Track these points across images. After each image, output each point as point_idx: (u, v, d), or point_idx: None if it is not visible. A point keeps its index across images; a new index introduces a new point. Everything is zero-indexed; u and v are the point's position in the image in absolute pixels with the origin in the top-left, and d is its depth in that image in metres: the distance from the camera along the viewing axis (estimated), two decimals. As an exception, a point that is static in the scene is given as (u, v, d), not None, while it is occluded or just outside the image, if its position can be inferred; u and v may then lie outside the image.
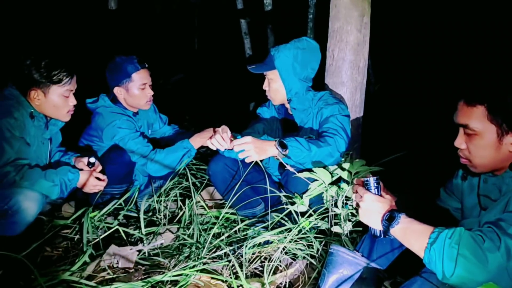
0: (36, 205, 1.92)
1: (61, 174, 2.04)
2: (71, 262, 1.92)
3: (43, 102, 2.10)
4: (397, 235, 1.27)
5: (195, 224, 2.13)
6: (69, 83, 2.12)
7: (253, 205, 2.28)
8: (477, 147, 1.34)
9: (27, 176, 1.93)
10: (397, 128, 4.02)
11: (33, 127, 2.10)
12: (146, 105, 2.59)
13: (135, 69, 2.48)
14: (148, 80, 2.55)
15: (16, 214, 1.88)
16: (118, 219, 2.29)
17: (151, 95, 2.57)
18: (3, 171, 1.90)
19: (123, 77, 2.48)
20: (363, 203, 1.37)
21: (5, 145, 1.94)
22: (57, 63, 2.07)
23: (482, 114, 1.31)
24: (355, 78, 2.59)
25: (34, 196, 1.92)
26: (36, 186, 1.94)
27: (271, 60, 2.21)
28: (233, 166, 2.29)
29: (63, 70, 2.08)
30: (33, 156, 2.11)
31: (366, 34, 2.56)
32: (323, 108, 2.21)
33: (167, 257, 1.98)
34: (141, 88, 2.51)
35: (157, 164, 2.42)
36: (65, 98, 2.13)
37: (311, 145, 1.95)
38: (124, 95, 2.53)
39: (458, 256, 1.11)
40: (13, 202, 1.87)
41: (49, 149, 2.25)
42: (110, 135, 2.45)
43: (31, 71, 2.03)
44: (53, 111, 2.14)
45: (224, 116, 4.04)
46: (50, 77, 2.05)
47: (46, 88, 2.07)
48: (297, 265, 1.86)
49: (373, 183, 1.40)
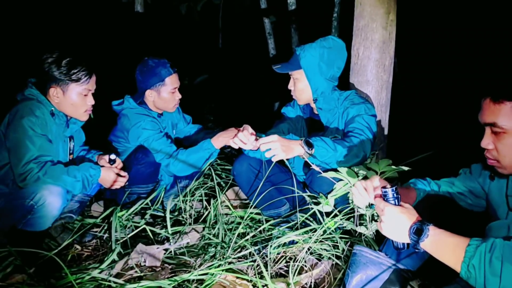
0: (60, 200, 1.98)
1: (83, 170, 2.10)
2: (100, 260, 1.97)
3: (61, 100, 2.16)
4: (428, 248, 1.20)
5: (220, 224, 2.15)
6: (87, 82, 2.17)
7: (277, 205, 2.28)
8: (506, 146, 1.29)
9: (50, 172, 1.99)
10: (424, 127, 3.94)
11: (54, 124, 2.17)
12: (173, 108, 2.64)
13: (168, 74, 2.52)
14: (178, 84, 2.59)
15: (42, 209, 1.95)
16: (145, 218, 2.33)
17: (179, 98, 2.61)
18: (27, 168, 1.97)
19: (156, 80, 2.51)
20: (385, 217, 1.29)
21: (28, 143, 2.01)
22: (77, 62, 2.13)
23: (510, 111, 1.26)
24: (381, 77, 2.55)
25: (58, 191, 1.98)
26: (59, 182, 2.01)
27: (297, 59, 2.20)
28: (257, 166, 2.29)
29: (83, 69, 2.14)
30: (55, 153, 2.17)
31: (392, 31, 2.52)
32: (349, 108, 2.18)
33: (193, 256, 2.00)
34: (171, 92, 2.55)
35: (180, 164, 2.44)
36: (83, 97, 2.19)
37: (337, 145, 1.93)
38: (155, 98, 2.56)
39: (503, 271, 1.05)
40: (38, 197, 1.95)
41: (69, 146, 2.31)
42: (135, 136, 2.49)
43: (51, 68, 2.10)
44: (71, 109, 2.20)
45: (249, 116, 4.06)
46: (69, 75, 2.12)
47: (65, 86, 2.13)
48: (322, 265, 1.85)
49: (391, 194, 1.32)
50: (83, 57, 2.17)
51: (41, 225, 2.00)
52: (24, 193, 1.97)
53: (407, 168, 1.87)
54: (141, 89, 2.57)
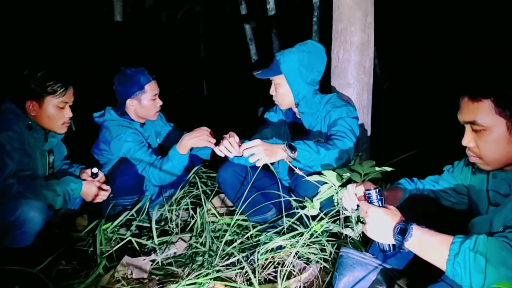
0: (41, 215, 1.95)
1: (63, 184, 2.08)
2: (85, 275, 1.94)
3: (38, 113, 2.14)
4: (413, 248, 1.21)
5: (207, 232, 2.14)
6: (63, 94, 2.15)
7: (264, 211, 2.28)
8: (487, 142, 1.31)
9: (31, 187, 1.97)
10: (407, 127, 3.99)
11: (31, 138, 2.14)
12: (155, 116, 2.62)
13: (147, 81, 2.51)
14: (158, 91, 2.58)
15: (24, 224, 1.91)
16: (131, 230, 2.30)
17: (160, 105, 2.60)
18: (7, 183, 1.94)
19: (136, 88, 2.50)
20: (370, 219, 1.30)
21: (6, 158, 1.98)
22: (52, 74, 2.11)
23: (489, 108, 1.27)
24: (361, 79, 2.58)
25: (38, 206, 1.95)
26: (39, 197, 1.98)
27: (277, 64, 2.21)
28: (242, 172, 2.29)
29: (58, 82, 2.12)
30: (33, 167, 2.14)
31: (370, 34, 2.55)
32: (331, 111, 2.20)
33: (181, 266, 1.99)
34: (152, 99, 2.54)
35: (158, 173, 2.40)
36: (60, 109, 2.16)
37: (320, 148, 1.94)
38: (136, 107, 2.55)
39: (487, 267, 1.06)
40: (19, 212, 1.91)
41: (48, 161, 2.28)
42: (117, 148, 2.47)
43: (27, 82, 2.08)
44: (48, 122, 2.17)
45: (232, 122, 4.05)
46: (44, 87, 2.10)
47: (41, 99, 2.11)
48: (310, 269, 1.85)
49: (375, 196, 1.33)
50: (58, 69, 2.15)
51: (23, 241, 1.96)
52: (4, 209, 1.93)
53: (390, 168, 1.89)
54: (121, 99, 2.55)
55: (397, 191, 1.70)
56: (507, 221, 1.22)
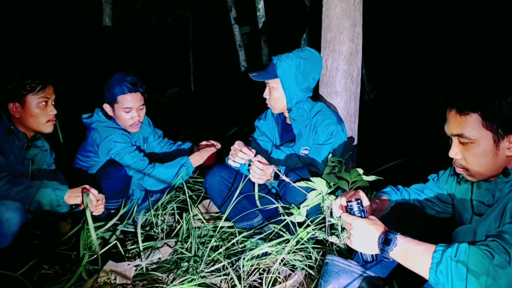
0: (18, 215, 1.91)
1: (53, 186, 2.05)
2: (68, 280, 1.91)
3: (22, 114, 2.14)
4: (397, 257, 1.23)
5: (193, 238, 2.12)
6: (43, 90, 2.15)
7: (250, 217, 2.28)
8: (474, 155, 1.33)
9: (14, 184, 1.94)
10: (393, 135, 4.03)
11: (7, 142, 2.12)
12: (130, 128, 2.54)
13: (121, 92, 2.45)
14: (134, 105, 2.47)
15: (0, 225, 1.88)
16: (116, 234, 2.28)
17: (138, 120, 2.52)
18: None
19: (109, 96, 2.49)
20: (354, 230, 1.31)
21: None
22: (29, 72, 2.12)
23: (476, 122, 1.30)
24: (349, 88, 2.60)
25: (15, 206, 1.92)
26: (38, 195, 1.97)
27: (273, 68, 2.21)
28: (229, 178, 2.29)
29: (36, 79, 2.12)
30: (10, 170, 2.11)
31: (358, 43, 2.58)
32: (319, 128, 2.21)
33: (165, 272, 1.97)
34: (125, 111, 2.48)
35: (154, 179, 2.41)
36: (43, 107, 2.16)
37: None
38: (111, 113, 2.54)
39: (468, 275, 1.08)
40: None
41: (30, 170, 2.25)
42: (106, 149, 2.45)
43: (6, 85, 2.09)
44: (32, 121, 2.16)
45: (221, 128, 4.05)
46: (23, 86, 2.10)
47: (22, 98, 2.12)
48: (295, 276, 1.85)
49: (357, 207, 1.36)
50: (36, 68, 2.16)
51: (1, 243, 1.93)
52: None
53: (375, 177, 1.90)
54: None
55: (383, 201, 1.72)
56: (490, 231, 1.24)
